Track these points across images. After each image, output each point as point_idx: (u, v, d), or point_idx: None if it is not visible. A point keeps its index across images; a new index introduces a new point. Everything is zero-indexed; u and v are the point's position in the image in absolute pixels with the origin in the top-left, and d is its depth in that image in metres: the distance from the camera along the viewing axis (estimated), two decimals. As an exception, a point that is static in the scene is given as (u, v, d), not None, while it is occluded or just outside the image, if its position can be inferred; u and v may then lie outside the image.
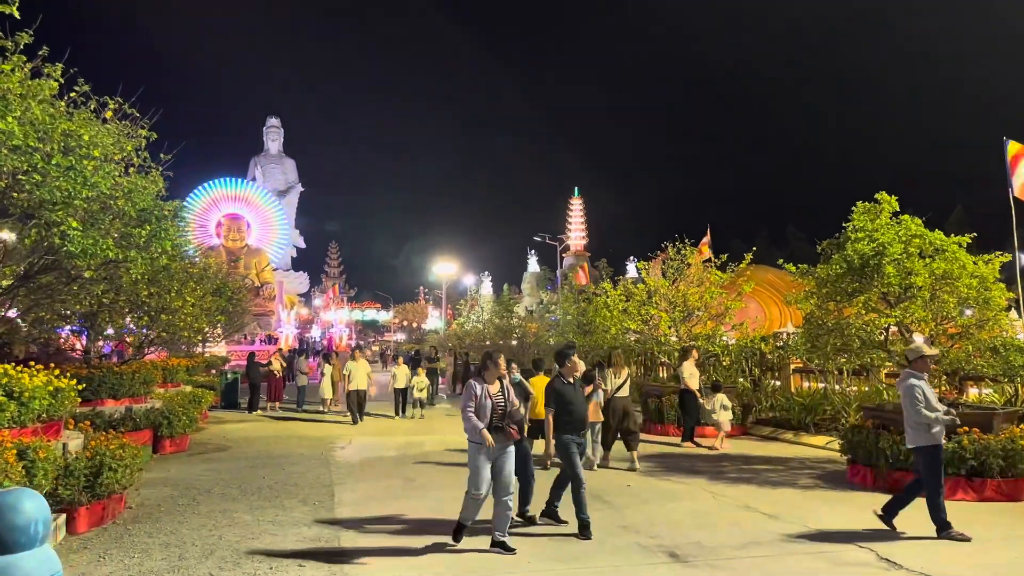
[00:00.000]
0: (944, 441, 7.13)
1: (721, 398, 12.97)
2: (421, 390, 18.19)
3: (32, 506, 3.12)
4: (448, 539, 6.57)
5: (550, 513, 7.34)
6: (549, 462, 9.02)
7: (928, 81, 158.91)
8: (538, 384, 9.21)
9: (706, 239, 29.47)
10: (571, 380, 7.37)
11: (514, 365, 7.39)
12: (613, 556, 6.28)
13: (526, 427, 7.20)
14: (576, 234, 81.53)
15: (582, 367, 7.89)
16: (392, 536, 6.98)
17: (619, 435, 10.97)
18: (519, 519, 7.22)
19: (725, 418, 12.85)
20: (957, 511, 7.81)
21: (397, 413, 18.10)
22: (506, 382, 6.71)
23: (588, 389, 8.62)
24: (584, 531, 6.76)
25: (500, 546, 6.36)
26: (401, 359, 19.91)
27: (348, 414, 17.01)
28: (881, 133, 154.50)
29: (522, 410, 6.87)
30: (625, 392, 11.04)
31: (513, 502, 6.55)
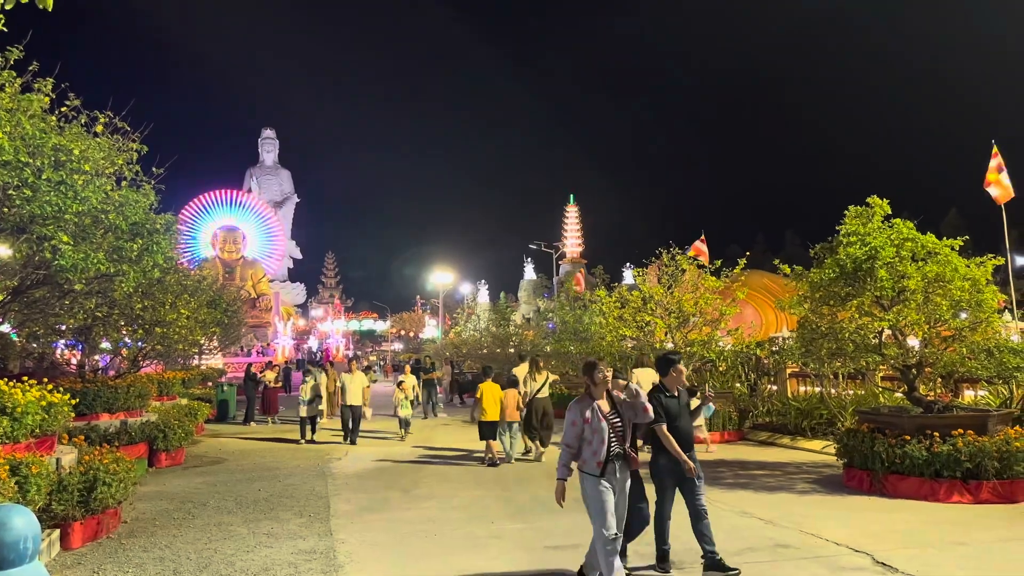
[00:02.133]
0: None
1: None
2: (405, 407, 15.91)
3: (22, 522, 3.10)
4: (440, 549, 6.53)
5: (716, 565, 5.90)
6: None
7: (924, 84, 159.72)
8: (485, 390, 11.98)
9: (701, 244, 29.46)
10: (676, 393, 6.15)
11: (621, 379, 6.28)
12: (609, 564, 6.25)
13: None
14: (572, 241, 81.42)
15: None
16: (388, 547, 6.96)
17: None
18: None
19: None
20: (953, 514, 7.84)
21: (401, 429, 16.15)
22: (618, 395, 5.50)
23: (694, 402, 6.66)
24: (721, 567, 5.75)
25: None
26: (408, 367, 18.75)
27: (342, 429, 16.50)
28: (879, 137, 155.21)
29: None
30: (545, 393, 12.61)
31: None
